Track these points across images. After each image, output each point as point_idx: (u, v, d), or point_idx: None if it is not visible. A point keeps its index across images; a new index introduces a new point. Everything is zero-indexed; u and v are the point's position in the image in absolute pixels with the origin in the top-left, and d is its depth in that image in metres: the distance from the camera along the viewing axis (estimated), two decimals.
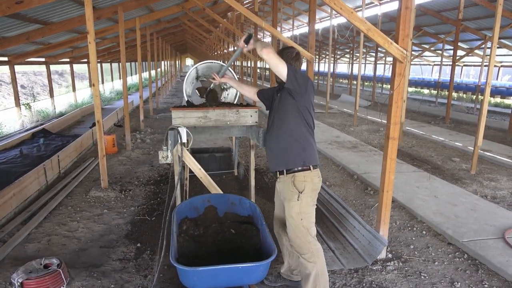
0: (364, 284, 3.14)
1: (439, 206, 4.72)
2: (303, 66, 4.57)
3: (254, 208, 2.77)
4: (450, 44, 15.26)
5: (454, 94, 18.35)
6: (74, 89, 14.61)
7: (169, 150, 2.95)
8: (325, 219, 4.29)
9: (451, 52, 17.32)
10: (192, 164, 3.34)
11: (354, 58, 22.33)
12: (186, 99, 3.73)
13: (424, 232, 4.15)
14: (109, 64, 20.05)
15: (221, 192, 3.43)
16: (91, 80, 4.95)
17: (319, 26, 20.78)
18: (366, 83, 26.65)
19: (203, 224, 2.79)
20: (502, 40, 12.72)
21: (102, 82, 19.55)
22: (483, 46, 13.48)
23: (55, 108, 12.18)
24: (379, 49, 18.78)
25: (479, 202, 4.89)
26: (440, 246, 3.85)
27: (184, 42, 28.32)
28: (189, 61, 72.78)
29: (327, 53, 23.16)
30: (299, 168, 2.59)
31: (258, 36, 13.27)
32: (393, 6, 13.47)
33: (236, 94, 4.18)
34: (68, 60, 13.37)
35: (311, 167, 2.61)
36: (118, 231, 4.12)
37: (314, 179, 2.62)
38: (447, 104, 11.99)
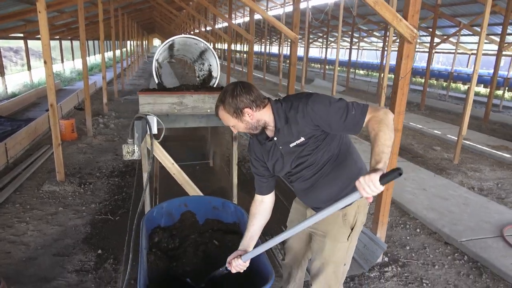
0: None
1: (430, 200, 4.44)
2: (287, 50, 4.06)
3: (241, 214, 2.29)
4: (424, 30, 15.18)
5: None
6: (29, 68, 13.34)
7: (135, 145, 2.39)
8: None
9: (424, 38, 17.36)
10: (165, 159, 2.80)
11: (328, 43, 21.99)
12: (157, 81, 3.14)
13: (418, 230, 3.85)
14: (69, 41, 18.57)
15: (199, 191, 2.92)
16: (43, 57, 4.23)
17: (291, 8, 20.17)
18: (339, 68, 26.46)
19: (179, 234, 2.28)
20: (476, 28, 12.70)
21: (62, 61, 18.11)
22: (458, 33, 13.47)
23: (6, 88, 11.02)
24: (354, 34, 18.51)
25: (469, 196, 4.67)
26: (437, 246, 3.56)
27: (152, 20, 26.85)
28: (156, 42, 70.20)
29: (302, 37, 22.68)
30: None
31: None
32: None
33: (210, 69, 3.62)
34: (21, 35, 12.09)
35: None
36: (75, 235, 3.53)
37: (366, 207, 1.99)
38: (422, 91, 11.91)
